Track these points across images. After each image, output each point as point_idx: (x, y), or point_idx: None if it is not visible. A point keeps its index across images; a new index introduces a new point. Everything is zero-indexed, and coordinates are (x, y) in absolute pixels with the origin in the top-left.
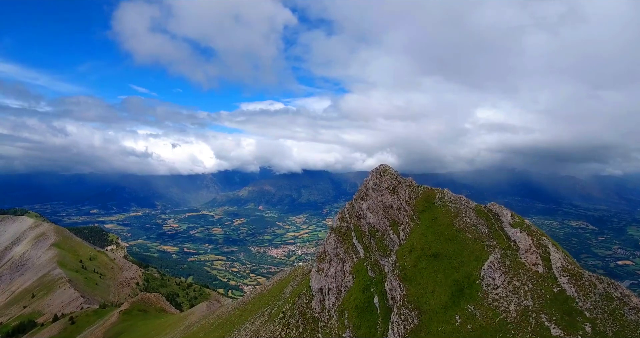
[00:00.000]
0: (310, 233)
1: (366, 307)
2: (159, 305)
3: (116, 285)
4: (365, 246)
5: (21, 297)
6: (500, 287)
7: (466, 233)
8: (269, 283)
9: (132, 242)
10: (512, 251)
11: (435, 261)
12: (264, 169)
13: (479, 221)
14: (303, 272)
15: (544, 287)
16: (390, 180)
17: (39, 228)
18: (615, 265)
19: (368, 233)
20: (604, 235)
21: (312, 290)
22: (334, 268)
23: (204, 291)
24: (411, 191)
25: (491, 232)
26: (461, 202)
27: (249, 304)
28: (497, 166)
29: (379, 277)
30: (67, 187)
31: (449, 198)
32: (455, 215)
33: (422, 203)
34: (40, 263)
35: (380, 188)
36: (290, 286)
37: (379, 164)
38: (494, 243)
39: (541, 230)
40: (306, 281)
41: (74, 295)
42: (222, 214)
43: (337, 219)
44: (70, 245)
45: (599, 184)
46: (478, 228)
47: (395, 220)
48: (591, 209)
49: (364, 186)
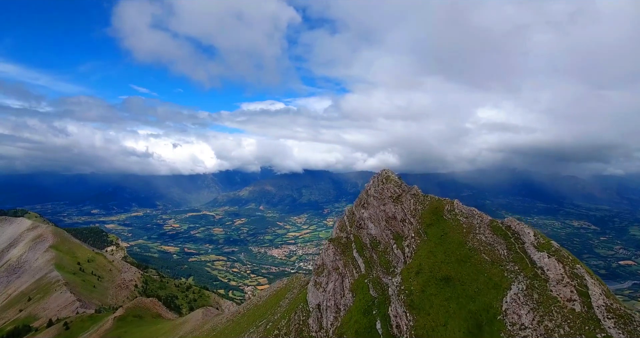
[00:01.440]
0: (311, 233)
1: (368, 333)
2: (155, 311)
3: (114, 287)
4: (366, 260)
5: (17, 300)
6: (529, 328)
7: (481, 253)
8: (265, 294)
9: (132, 242)
10: (541, 282)
11: (446, 287)
12: (265, 169)
13: (496, 239)
14: (300, 284)
15: (585, 332)
16: (393, 188)
17: (37, 230)
18: (617, 265)
19: (369, 245)
20: (605, 235)
21: (310, 305)
22: (332, 283)
23: (204, 293)
24: (417, 202)
25: (511, 254)
26: (474, 216)
27: (243, 316)
28: (499, 166)
29: (382, 298)
30: (68, 187)
31: (459, 210)
32: (468, 231)
33: (429, 216)
34: (37, 266)
35: (382, 196)
36: (286, 299)
37: (381, 170)
38: (516, 268)
39: (573, 256)
40: (303, 295)
41: (70, 298)
42: (223, 214)
43: (337, 227)
44: (68, 247)
45: (600, 184)
46: (495, 248)
47: (399, 233)
48: (593, 209)
49: (365, 192)
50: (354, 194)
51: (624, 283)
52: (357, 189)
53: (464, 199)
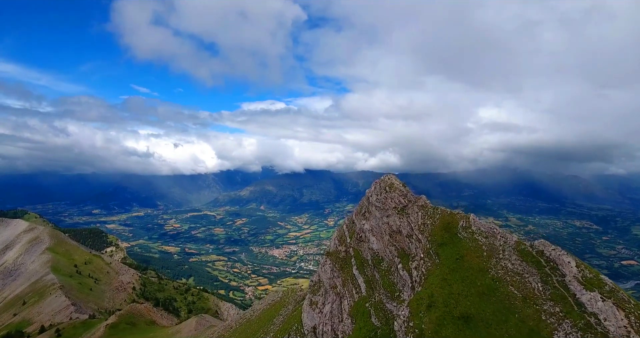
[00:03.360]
0: (312, 233)
1: None
2: (149, 317)
3: (111, 290)
4: (367, 280)
5: (12, 304)
6: None
7: (509, 285)
8: (259, 307)
9: (133, 242)
10: (595, 335)
11: (466, 329)
12: (266, 169)
13: (526, 268)
14: (295, 299)
15: None
16: (398, 198)
17: (34, 232)
18: (619, 265)
19: (371, 262)
20: (607, 234)
21: (304, 327)
22: (329, 304)
23: (203, 296)
24: (425, 215)
25: (548, 289)
26: (495, 235)
27: (235, 331)
28: (500, 166)
29: (386, 329)
30: (69, 187)
31: (477, 227)
32: (490, 254)
33: (440, 232)
34: (33, 268)
35: (385, 206)
36: (280, 316)
37: (383, 175)
38: (557, 310)
39: (634, 299)
40: (298, 314)
41: (64, 303)
42: (224, 214)
43: (335, 238)
44: (65, 249)
45: (602, 184)
46: (527, 280)
47: (404, 250)
48: (595, 208)
49: (366, 200)
50: (355, 194)
51: (626, 283)
52: (358, 189)
53: (466, 199)
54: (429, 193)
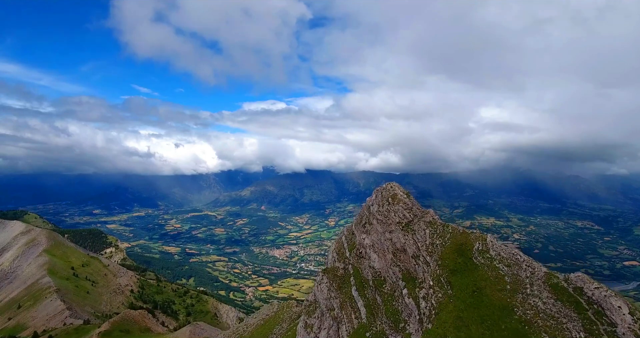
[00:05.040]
0: (313, 234)
1: None
2: (143, 324)
3: (109, 293)
4: (368, 304)
5: (7, 308)
6: None
7: (541, 332)
8: (252, 321)
9: (134, 243)
10: None
11: None
12: (267, 169)
13: (563, 310)
14: (290, 316)
15: None
16: (402, 212)
17: (30, 234)
18: (621, 266)
19: (372, 283)
20: (609, 235)
21: None
22: (325, 330)
23: (201, 298)
24: (434, 233)
25: None
26: (519, 264)
27: None
28: (502, 166)
29: None
30: (71, 187)
31: (496, 252)
32: (514, 288)
33: (452, 256)
34: (29, 271)
35: (388, 220)
36: (274, 335)
37: (385, 183)
38: None
39: None
40: (292, 333)
41: (59, 307)
42: (225, 214)
43: (334, 251)
44: (62, 251)
45: (604, 184)
46: (564, 327)
47: (410, 272)
48: (596, 209)
49: (366, 209)
50: (355, 194)
51: (628, 284)
52: (359, 189)
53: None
54: (430, 193)
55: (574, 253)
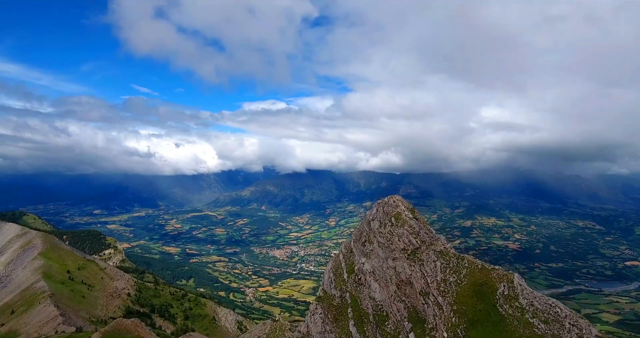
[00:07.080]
0: (313, 234)
1: None
2: (136, 334)
3: (105, 296)
4: None
5: (0, 313)
6: None
7: None
8: None
9: (134, 243)
10: None
11: None
12: (267, 169)
13: None
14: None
15: None
16: (407, 236)
17: (26, 236)
18: (623, 266)
19: (372, 318)
20: (611, 235)
21: None
22: None
23: (200, 301)
24: (446, 267)
25: None
26: (561, 321)
27: None
28: (503, 166)
29: None
30: (71, 187)
31: (527, 300)
32: None
33: (471, 301)
34: (24, 275)
35: (391, 244)
36: None
37: (387, 197)
38: None
39: None
40: None
41: (53, 313)
42: (225, 214)
43: (330, 271)
44: (58, 254)
45: (605, 184)
46: None
47: (417, 311)
48: (598, 208)
49: (367, 224)
50: (356, 194)
51: (630, 284)
52: (360, 189)
53: (468, 199)
54: (430, 193)
55: (575, 253)
